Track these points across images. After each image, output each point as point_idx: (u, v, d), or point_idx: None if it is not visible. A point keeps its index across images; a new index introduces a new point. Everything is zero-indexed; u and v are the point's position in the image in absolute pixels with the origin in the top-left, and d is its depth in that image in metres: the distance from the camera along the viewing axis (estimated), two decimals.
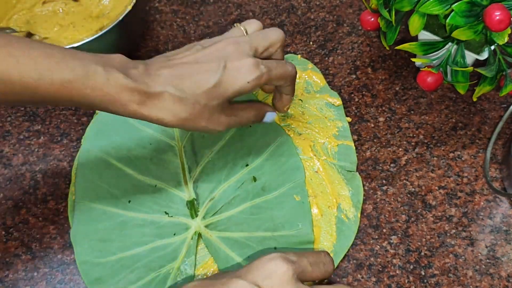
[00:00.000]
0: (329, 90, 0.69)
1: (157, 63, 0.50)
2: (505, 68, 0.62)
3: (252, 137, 0.63)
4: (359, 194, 0.61)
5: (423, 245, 0.58)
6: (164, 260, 0.57)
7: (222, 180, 0.61)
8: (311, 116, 0.66)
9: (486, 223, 0.59)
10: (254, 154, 0.62)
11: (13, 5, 0.73)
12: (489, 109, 0.68)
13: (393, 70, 0.73)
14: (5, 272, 0.58)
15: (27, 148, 0.68)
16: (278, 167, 0.61)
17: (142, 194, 0.61)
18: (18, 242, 0.60)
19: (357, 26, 0.78)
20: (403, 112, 0.68)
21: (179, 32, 0.79)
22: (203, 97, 0.49)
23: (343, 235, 0.58)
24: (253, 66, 0.51)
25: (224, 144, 0.63)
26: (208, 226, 0.58)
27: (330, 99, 0.68)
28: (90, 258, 0.57)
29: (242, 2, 0.82)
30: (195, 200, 0.60)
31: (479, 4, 0.57)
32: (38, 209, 0.63)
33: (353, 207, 0.60)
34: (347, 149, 0.64)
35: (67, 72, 0.45)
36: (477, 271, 0.56)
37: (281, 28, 0.78)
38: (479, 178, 0.63)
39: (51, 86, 0.44)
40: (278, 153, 0.62)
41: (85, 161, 0.63)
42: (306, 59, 0.74)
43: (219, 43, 0.52)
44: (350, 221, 0.59)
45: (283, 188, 0.60)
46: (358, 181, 0.62)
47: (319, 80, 0.70)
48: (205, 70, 0.49)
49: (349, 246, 0.58)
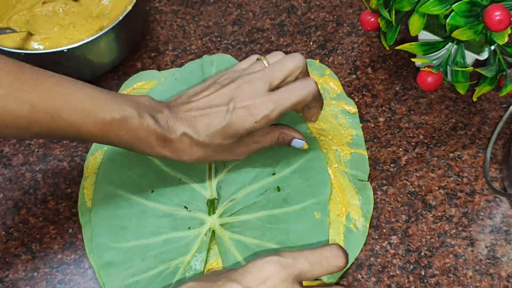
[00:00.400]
0: (346, 97, 0.68)
1: (178, 106, 0.55)
2: (505, 68, 0.62)
3: (284, 147, 0.62)
4: (369, 204, 0.60)
5: (423, 245, 0.58)
6: (176, 253, 0.57)
7: (246, 184, 0.61)
8: (325, 123, 0.65)
9: (486, 223, 0.60)
10: (283, 164, 0.62)
11: (13, 5, 0.73)
12: (489, 109, 0.68)
13: (393, 70, 0.73)
14: (5, 272, 0.58)
15: (27, 148, 0.68)
16: (305, 181, 0.60)
17: (166, 186, 0.61)
18: (18, 242, 0.60)
19: (357, 26, 0.78)
20: (403, 112, 0.68)
21: (179, 32, 0.79)
22: (216, 138, 0.53)
23: (351, 245, 0.57)
24: (260, 106, 0.52)
25: None
26: (223, 225, 0.58)
27: (346, 107, 0.67)
28: (106, 241, 0.58)
29: (242, 2, 0.82)
30: (216, 199, 0.60)
31: (479, 4, 0.57)
32: (38, 209, 0.63)
33: (362, 217, 0.59)
34: (360, 157, 0.64)
35: (108, 115, 0.49)
36: (477, 271, 0.56)
37: (281, 28, 0.78)
38: (479, 178, 0.63)
39: (94, 127, 0.49)
40: (308, 167, 0.61)
41: (115, 149, 0.64)
42: (307, 59, 0.74)
43: (235, 82, 0.54)
44: (359, 231, 0.58)
45: (305, 202, 0.59)
46: (369, 191, 0.61)
47: (336, 86, 0.69)
48: (216, 112, 0.53)
49: (356, 256, 0.57)
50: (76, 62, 0.68)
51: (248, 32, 0.78)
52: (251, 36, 0.77)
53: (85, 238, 0.60)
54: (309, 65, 0.72)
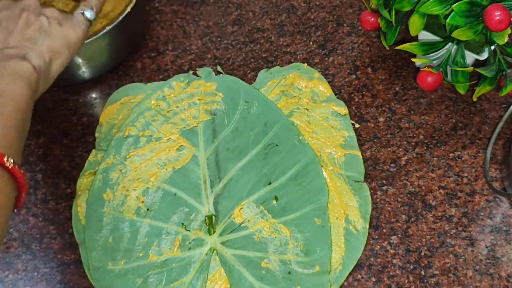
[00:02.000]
0: (335, 99, 0.68)
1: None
2: (505, 68, 0.62)
3: (277, 155, 0.62)
4: (367, 204, 0.60)
5: (423, 245, 0.58)
6: (176, 274, 0.56)
7: (243, 197, 0.60)
8: (317, 126, 0.65)
9: (486, 223, 0.60)
10: (278, 173, 0.61)
11: None
12: (489, 109, 0.68)
13: (393, 70, 0.73)
14: (5, 272, 0.58)
15: (27, 148, 0.68)
16: (302, 187, 0.60)
17: (161, 202, 0.60)
18: (18, 242, 0.60)
19: (357, 26, 0.78)
20: (403, 112, 0.68)
21: (179, 32, 0.79)
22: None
23: (352, 247, 0.57)
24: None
25: (249, 160, 0.63)
26: (224, 243, 0.58)
27: (336, 108, 0.67)
28: (103, 265, 0.57)
29: (242, 2, 0.82)
30: (214, 216, 0.60)
31: (479, 4, 0.57)
32: (38, 209, 0.63)
33: (361, 218, 0.59)
34: (354, 159, 0.63)
35: None
36: (477, 271, 0.56)
37: (281, 28, 0.78)
38: (479, 178, 0.63)
39: None
40: (303, 173, 0.61)
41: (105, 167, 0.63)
42: (307, 59, 0.74)
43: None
44: (359, 233, 0.58)
45: (304, 209, 0.59)
46: (365, 192, 0.61)
47: (325, 89, 0.69)
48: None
49: (358, 258, 0.57)
50: (76, 62, 0.68)
51: (248, 32, 0.78)
52: (251, 36, 0.77)
53: (83, 257, 0.59)
54: (297, 68, 0.72)
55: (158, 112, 0.67)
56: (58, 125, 0.70)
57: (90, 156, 0.65)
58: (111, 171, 0.62)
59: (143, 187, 0.61)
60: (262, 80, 0.71)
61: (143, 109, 0.67)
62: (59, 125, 0.70)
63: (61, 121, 0.70)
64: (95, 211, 0.60)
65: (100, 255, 0.58)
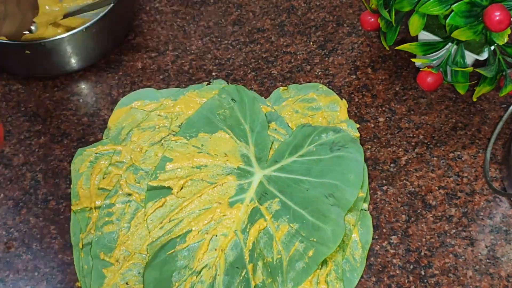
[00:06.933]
0: (349, 120, 0.66)
1: None
2: (505, 68, 0.62)
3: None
4: (368, 234, 0.59)
5: (423, 245, 0.58)
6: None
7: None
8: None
9: (486, 223, 0.60)
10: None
11: None
12: (489, 109, 0.68)
13: (393, 70, 0.73)
14: (5, 272, 0.59)
15: (28, 148, 0.68)
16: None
17: None
18: (19, 242, 0.61)
19: (357, 26, 0.78)
20: (403, 112, 0.69)
21: (179, 32, 0.79)
22: None
23: (345, 277, 0.56)
24: None
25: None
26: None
27: (346, 129, 0.65)
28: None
29: (242, 2, 0.82)
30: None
31: (479, 4, 0.57)
32: (39, 209, 0.63)
33: (361, 248, 0.58)
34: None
35: None
36: (477, 271, 0.56)
37: (281, 28, 0.78)
38: (479, 178, 0.63)
39: None
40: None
41: None
42: (307, 59, 0.74)
43: None
44: (356, 262, 0.57)
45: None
46: (368, 221, 0.59)
47: (340, 113, 0.67)
48: None
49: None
50: (66, 52, 0.71)
51: (248, 32, 0.78)
52: (251, 36, 0.77)
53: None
54: (315, 89, 0.69)
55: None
56: (58, 125, 0.70)
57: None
58: None
59: None
60: (277, 99, 0.69)
61: None
62: (59, 125, 0.70)
63: (61, 121, 0.70)
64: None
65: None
